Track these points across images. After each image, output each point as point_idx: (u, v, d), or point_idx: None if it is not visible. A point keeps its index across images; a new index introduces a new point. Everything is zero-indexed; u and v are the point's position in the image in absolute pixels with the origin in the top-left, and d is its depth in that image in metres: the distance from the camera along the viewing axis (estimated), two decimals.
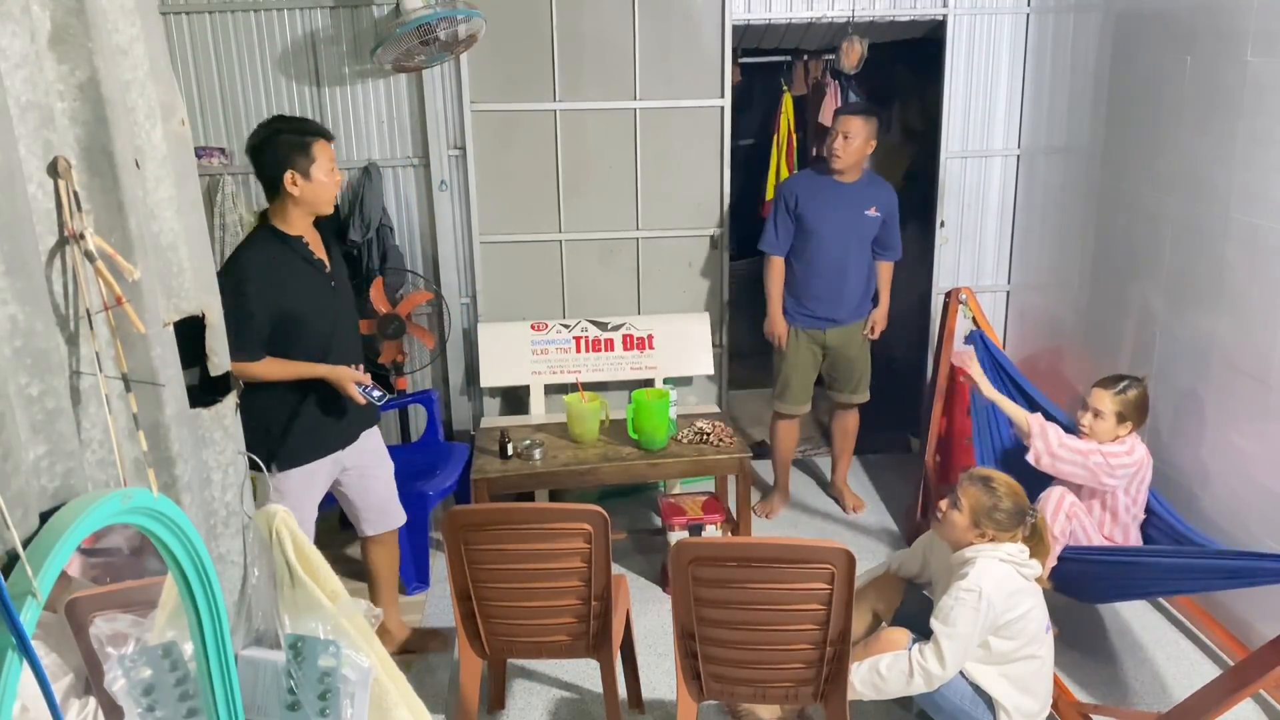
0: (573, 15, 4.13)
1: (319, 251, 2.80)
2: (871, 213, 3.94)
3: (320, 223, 4.22)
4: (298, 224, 2.71)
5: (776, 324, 4.13)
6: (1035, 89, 4.32)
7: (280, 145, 2.58)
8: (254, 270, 2.61)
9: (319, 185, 2.65)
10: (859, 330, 4.12)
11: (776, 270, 4.09)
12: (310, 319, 2.74)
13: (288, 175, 2.60)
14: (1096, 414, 3.05)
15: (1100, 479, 3.00)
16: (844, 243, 3.98)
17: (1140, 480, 3.06)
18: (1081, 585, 3.03)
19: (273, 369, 2.67)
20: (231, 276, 2.54)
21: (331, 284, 2.82)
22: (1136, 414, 3.06)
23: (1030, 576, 2.59)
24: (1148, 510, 3.12)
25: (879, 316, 4.16)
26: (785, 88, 5.46)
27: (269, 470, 2.77)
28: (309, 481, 2.84)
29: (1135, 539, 3.11)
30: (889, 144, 5.47)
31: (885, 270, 4.14)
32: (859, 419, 4.31)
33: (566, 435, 3.72)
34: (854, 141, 3.83)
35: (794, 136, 5.46)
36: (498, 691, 3.01)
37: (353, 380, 2.77)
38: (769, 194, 5.44)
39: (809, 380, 4.19)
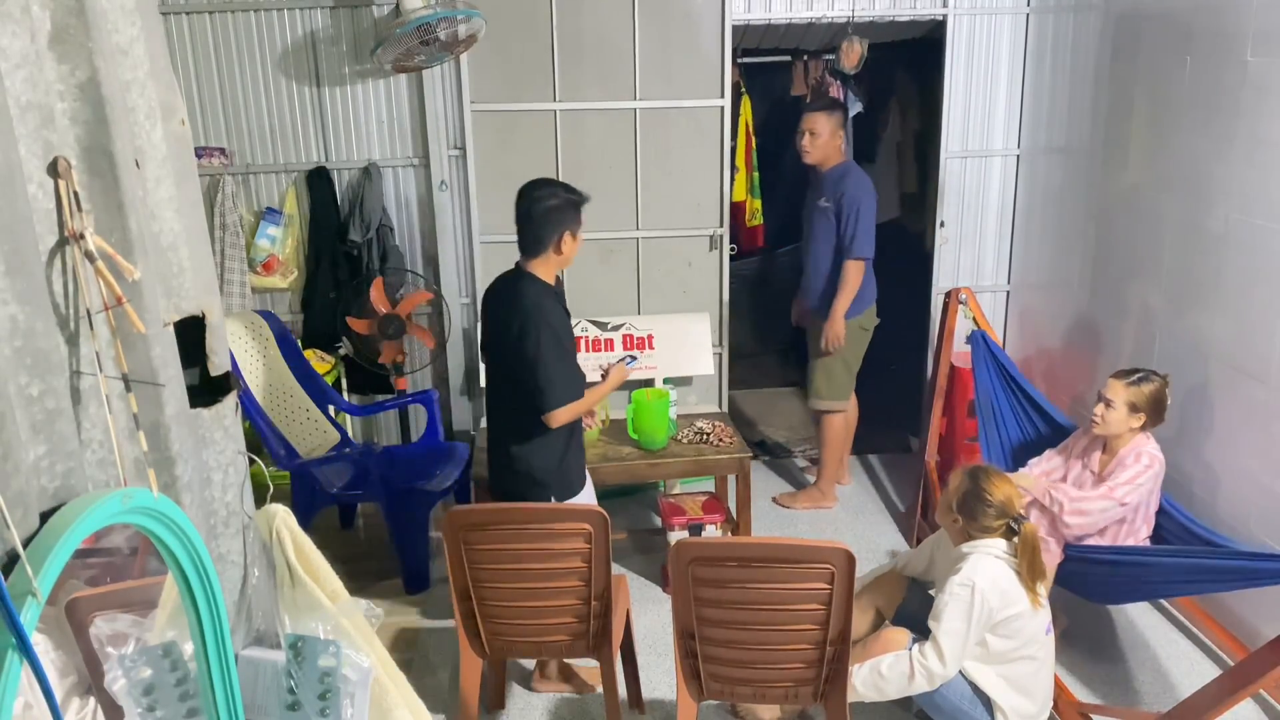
0: (573, 15, 4.13)
1: None
2: (822, 203, 3.98)
3: (321, 222, 4.25)
4: (552, 277, 2.82)
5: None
6: (1035, 89, 4.32)
7: (569, 207, 2.73)
8: (561, 320, 2.77)
9: (578, 246, 2.81)
10: (819, 333, 4.08)
11: None
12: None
13: (566, 235, 2.73)
14: (1108, 404, 2.98)
15: (1135, 502, 2.95)
16: (808, 232, 4.10)
17: (1158, 480, 3.02)
18: (1088, 585, 3.02)
19: (583, 404, 2.78)
20: (548, 329, 2.67)
21: None
22: (1150, 407, 2.96)
23: None
24: (1159, 511, 3.09)
25: (826, 326, 3.99)
26: (744, 91, 5.43)
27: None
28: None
29: (1143, 540, 3.09)
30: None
31: (844, 271, 3.93)
32: (831, 428, 4.20)
33: None
34: (819, 137, 3.94)
35: (752, 140, 5.49)
36: (498, 691, 3.01)
37: (620, 367, 2.99)
38: (739, 195, 5.47)
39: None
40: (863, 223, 3.90)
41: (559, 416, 2.71)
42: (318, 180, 4.24)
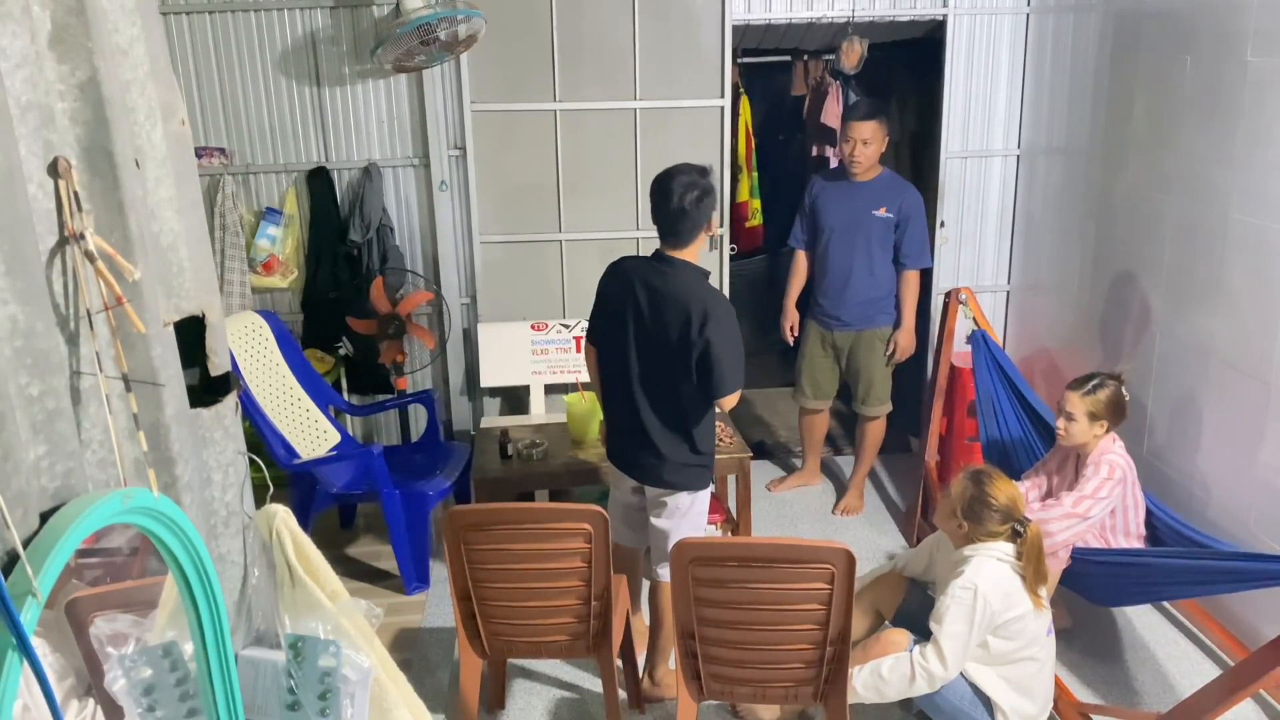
0: (573, 15, 4.13)
1: None
2: (880, 213, 3.91)
3: (321, 222, 4.25)
4: (698, 260, 2.82)
5: (785, 314, 4.22)
6: (1035, 89, 4.32)
7: (710, 191, 2.75)
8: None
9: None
10: (873, 339, 4.06)
11: (795, 264, 4.18)
12: None
13: (713, 217, 2.78)
14: (1069, 417, 2.98)
15: (1099, 515, 2.94)
16: (849, 241, 3.97)
17: (1130, 485, 3.03)
18: (1092, 586, 3.02)
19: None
20: (730, 316, 2.69)
21: None
22: (1110, 413, 2.96)
23: None
24: (1148, 512, 3.10)
25: (900, 337, 4.04)
26: (743, 91, 5.42)
27: (700, 489, 2.85)
28: None
29: (1135, 542, 3.09)
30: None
31: (907, 282, 4.00)
32: (880, 431, 4.23)
33: (566, 435, 3.72)
34: (871, 146, 3.85)
35: (752, 140, 5.49)
36: (498, 691, 3.01)
37: None
38: (742, 195, 5.45)
39: (822, 375, 4.20)
40: (924, 233, 3.98)
41: (735, 399, 2.75)
42: (318, 180, 4.24)
